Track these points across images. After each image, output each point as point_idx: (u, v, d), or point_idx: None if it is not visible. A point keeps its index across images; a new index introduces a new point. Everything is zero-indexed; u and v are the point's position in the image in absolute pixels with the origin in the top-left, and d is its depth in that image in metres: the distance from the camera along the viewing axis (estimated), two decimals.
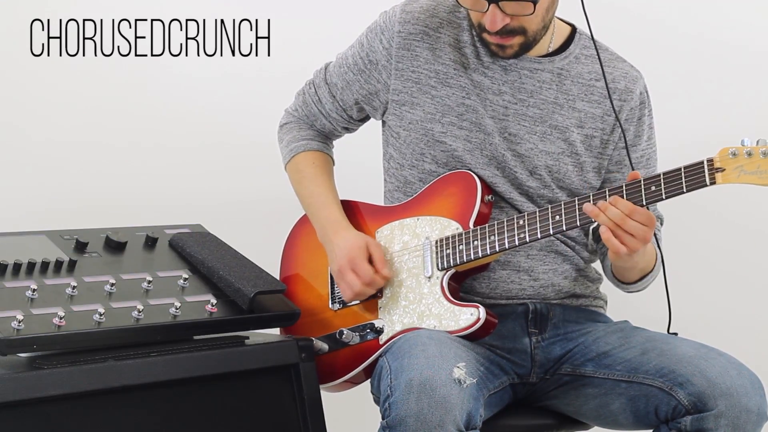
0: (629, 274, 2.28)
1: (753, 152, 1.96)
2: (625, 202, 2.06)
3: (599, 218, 2.08)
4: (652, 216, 2.08)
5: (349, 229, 2.35)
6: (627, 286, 2.33)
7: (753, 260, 3.19)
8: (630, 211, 2.06)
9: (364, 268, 2.26)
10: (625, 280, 2.31)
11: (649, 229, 2.08)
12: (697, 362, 2.10)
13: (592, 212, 2.09)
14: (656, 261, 2.28)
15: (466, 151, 2.30)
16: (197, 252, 2.38)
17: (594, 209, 2.08)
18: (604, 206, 2.07)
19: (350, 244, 2.30)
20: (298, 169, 2.47)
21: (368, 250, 2.29)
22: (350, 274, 2.27)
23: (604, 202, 2.08)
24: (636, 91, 2.36)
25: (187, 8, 3.06)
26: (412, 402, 1.98)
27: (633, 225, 2.06)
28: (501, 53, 2.27)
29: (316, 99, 2.49)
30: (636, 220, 2.07)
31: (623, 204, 2.06)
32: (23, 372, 1.96)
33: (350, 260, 2.28)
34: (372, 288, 2.28)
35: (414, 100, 2.33)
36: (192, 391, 2.14)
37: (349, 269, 2.27)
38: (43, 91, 3.03)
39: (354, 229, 2.36)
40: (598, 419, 2.28)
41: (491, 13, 2.19)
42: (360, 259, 2.27)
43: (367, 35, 2.40)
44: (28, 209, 2.98)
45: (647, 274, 2.28)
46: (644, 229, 2.07)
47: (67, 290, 2.13)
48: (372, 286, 2.27)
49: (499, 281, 2.30)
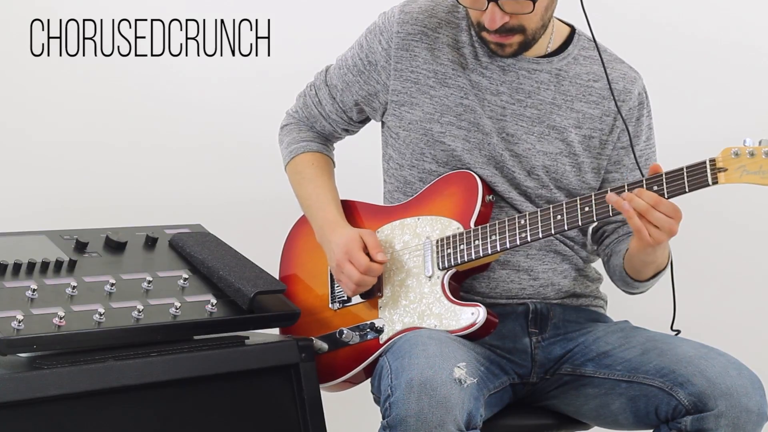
0: (646, 270, 2.24)
1: (755, 152, 1.96)
2: (649, 194, 2.04)
3: (623, 208, 2.05)
4: (678, 208, 2.06)
5: (345, 226, 2.35)
6: (638, 284, 2.30)
7: (754, 260, 3.19)
8: (655, 202, 2.04)
9: (359, 257, 2.26)
10: (638, 277, 2.27)
11: (675, 221, 2.05)
12: (697, 362, 2.10)
13: (617, 203, 2.06)
14: (669, 259, 2.27)
15: (465, 151, 2.30)
16: (197, 252, 2.38)
17: (618, 199, 2.06)
18: (629, 197, 2.05)
19: (345, 239, 2.30)
20: (298, 170, 2.48)
21: (362, 240, 2.29)
22: (347, 265, 2.27)
23: (629, 193, 2.06)
24: (634, 92, 2.36)
25: (187, 8, 3.06)
26: (413, 402, 1.98)
27: (658, 216, 2.04)
28: (500, 52, 2.27)
29: (317, 101, 2.49)
30: (661, 212, 2.04)
31: (648, 195, 2.04)
32: (23, 372, 1.96)
33: (346, 252, 2.28)
34: (371, 276, 2.27)
35: (413, 101, 2.33)
36: (192, 391, 2.13)
37: (346, 260, 2.27)
38: (43, 91, 3.03)
39: (350, 226, 2.36)
40: (598, 419, 2.28)
41: (490, 11, 2.19)
42: (355, 250, 2.27)
43: (366, 36, 2.40)
44: (28, 209, 2.98)
45: (660, 271, 2.26)
46: (670, 221, 2.05)
47: (67, 290, 2.13)
48: (369, 273, 2.26)
49: (499, 281, 2.30)
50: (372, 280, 2.28)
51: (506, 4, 2.17)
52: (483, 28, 2.24)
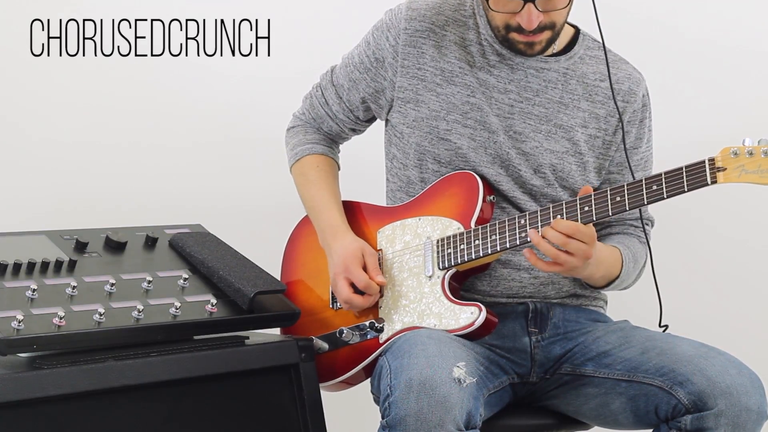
0: (590, 282, 2.29)
1: (754, 151, 1.96)
2: (566, 224, 2.09)
3: (540, 246, 2.10)
4: (593, 233, 2.10)
5: (347, 234, 2.35)
6: (598, 290, 2.35)
7: (754, 260, 3.18)
8: (572, 231, 2.09)
9: (358, 275, 2.27)
10: (593, 285, 2.31)
11: (589, 246, 2.10)
12: (697, 361, 2.10)
13: (534, 239, 2.11)
14: (623, 266, 2.28)
15: (471, 149, 2.30)
16: (197, 252, 2.38)
17: (536, 237, 2.11)
18: (544, 232, 2.10)
19: (345, 251, 2.30)
20: (302, 172, 2.48)
21: (363, 258, 2.29)
22: (342, 282, 2.28)
23: (544, 228, 2.11)
24: (639, 94, 2.37)
25: (187, 8, 3.06)
26: (412, 401, 1.98)
27: (575, 246, 2.09)
28: (529, 51, 2.27)
29: (323, 101, 2.49)
30: (578, 239, 2.09)
31: (564, 226, 2.08)
32: (23, 372, 1.96)
33: (345, 268, 2.28)
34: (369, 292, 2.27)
35: (419, 98, 2.33)
36: (192, 391, 2.13)
37: (343, 277, 2.28)
38: (43, 91, 3.03)
39: (352, 234, 2.36)
40: (598, 419, 2.28)
41: (527, 11, 2.19)
42: (354, 266, 2.28)
43: (373, 33, 2.40)
44: (28, 209, 2.98)
45: (614, 280, 2.28)
46: (585, 248, 2.10)
47: (67, 290, 2.13)
48: (368, 291, 2.27)
49: (499, 279, 2.30)
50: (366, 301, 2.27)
51: (541, 2, 2.18)
52: (513, 29, 2.24)
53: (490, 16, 2.27)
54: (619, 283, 2.29)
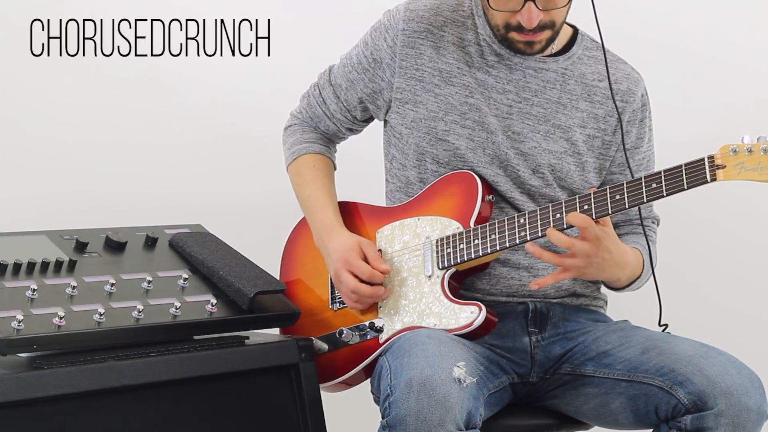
0: (615, 285, 2.29)
1: (753, 149, 1.96)
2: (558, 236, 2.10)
3: (543, 257, 2.12)
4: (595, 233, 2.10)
5: (342, 231, 2.35)
6: (620, 291, 2.34)
7: (754, 258, 3.18)
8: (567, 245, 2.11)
9: (360, 266, 2.26)
10: (615, 286, 2.31)
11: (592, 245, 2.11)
12: (697, 361, 2.10)
13: (535, 252, 2.12)
14: (644, 265, 2.28)
15: (469, 150, 2.30)
16: (197, 252, 2.38)
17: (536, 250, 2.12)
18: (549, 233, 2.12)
19: (342, 246, 2.30)
20: (299, 171, 2.48)
21: (362, 250, 2.29)
22: (345, 274, 2.27)
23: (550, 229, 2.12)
24: (638, 93, 2.37)
25: (187, 8, 3.07)
26: (412, 401, 1.98)
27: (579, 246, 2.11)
28: (528, 50, 2.27)
29: (321, 100, 2.49)
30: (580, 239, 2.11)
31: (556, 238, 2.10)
32: (23, 372, 1.96)
33: (345, 262, 2.28)
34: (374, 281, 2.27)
35: (417, 98, 2.33)
36: (192, 391, 2.13)
37: (345, 270, 2.28)
38: (43, 91, 3.03)
39: (347, 231, 2.36)
40: (598, 419, 2.28)
41: (527, 10, 2.19)
42: (354, 258, 2.27)
43: (371, 34, 2.40)
44: (28, 209, 2.98)
45: (634, 280, 2.28)
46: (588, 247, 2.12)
47: (67, 290, 2.13)
48: (372, 280, 2.26)
49: (499, 278, 2.30)
50: (372, 294, 2.27)
51: (541, 1, 2.18)
52: (513, 29, 2.24)
53: (490, 15, 2.27)
54: (638, 283, 2.29)
